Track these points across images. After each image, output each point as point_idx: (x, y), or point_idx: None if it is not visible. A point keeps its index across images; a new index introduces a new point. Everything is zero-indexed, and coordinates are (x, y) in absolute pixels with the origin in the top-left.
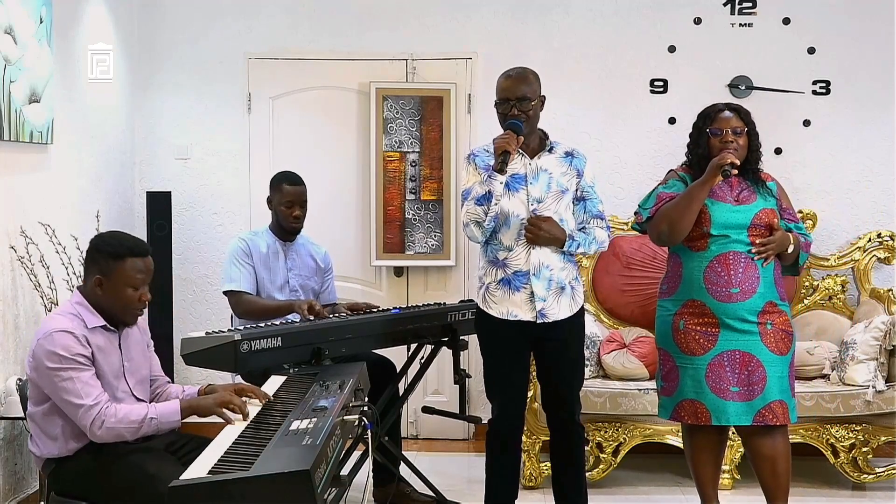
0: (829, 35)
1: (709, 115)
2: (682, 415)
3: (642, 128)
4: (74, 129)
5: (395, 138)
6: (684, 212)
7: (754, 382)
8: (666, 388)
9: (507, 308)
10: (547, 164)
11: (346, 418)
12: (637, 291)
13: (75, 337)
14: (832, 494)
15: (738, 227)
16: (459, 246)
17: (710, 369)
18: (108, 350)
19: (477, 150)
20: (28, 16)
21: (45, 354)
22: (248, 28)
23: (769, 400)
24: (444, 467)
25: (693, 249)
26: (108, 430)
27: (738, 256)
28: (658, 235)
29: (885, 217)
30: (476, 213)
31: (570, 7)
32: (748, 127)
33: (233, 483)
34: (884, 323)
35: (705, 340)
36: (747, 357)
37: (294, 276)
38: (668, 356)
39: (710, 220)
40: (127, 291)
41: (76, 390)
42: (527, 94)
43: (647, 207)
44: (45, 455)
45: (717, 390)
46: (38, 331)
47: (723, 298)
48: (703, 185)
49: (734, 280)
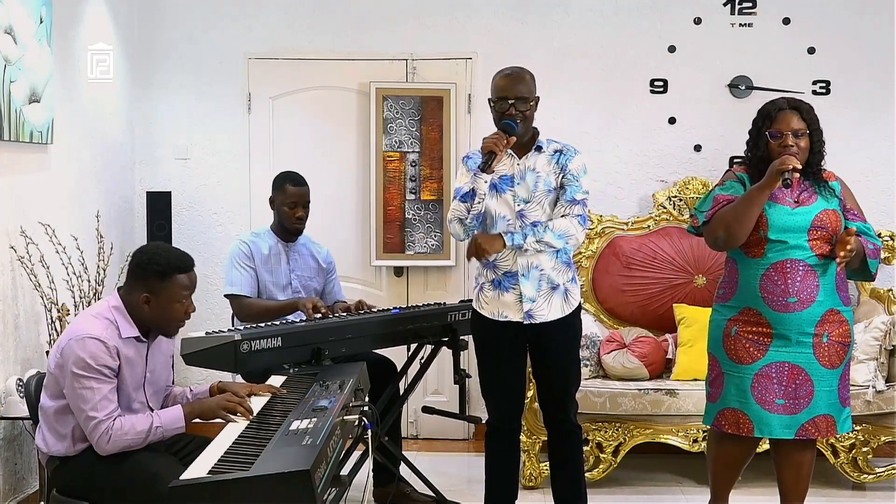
0: (829, 35)
1: (769, 114)
2: (723, 423)
3: (642, 128)
4: (74, 129)
5: (395, 138)
6: (743, 217)
7: (801, 396)
8: (712, 395)
9: (497, 308)
10: (535, 163)
11: (346, 418)
12: (637, 291)
13: (106, 348)
14: (832, 494)
15: (797, 230)
16: (459, 246)
17: (756, 379)
18: (134, 361)
19: (473, 151)
20: (28, 16)
21: (73, 357)
22: (248, 28)
23: (814, 414)
24: (444, 467)
25: (749, 256)
26: (114, 444)
27: (795, 264)
28: (714, 240)
29: (885, 217)
30: (459, 209)
31: (570, 7)
32: (811, 126)
33: (233, 483)
34: (884, 323)
35: (755, 349)
36: (796, 370)
37: (296, 278)
38: (716, 362)
39: (767, 224)
40: (174, 307)
41: (93, 401)
42: (525, 94)
43: (704, 210)
44: (51, 452)
45: (762, 401)
46: (72, 328)
47: (780, 308)
48: (763, 189)
49: (791, 289)
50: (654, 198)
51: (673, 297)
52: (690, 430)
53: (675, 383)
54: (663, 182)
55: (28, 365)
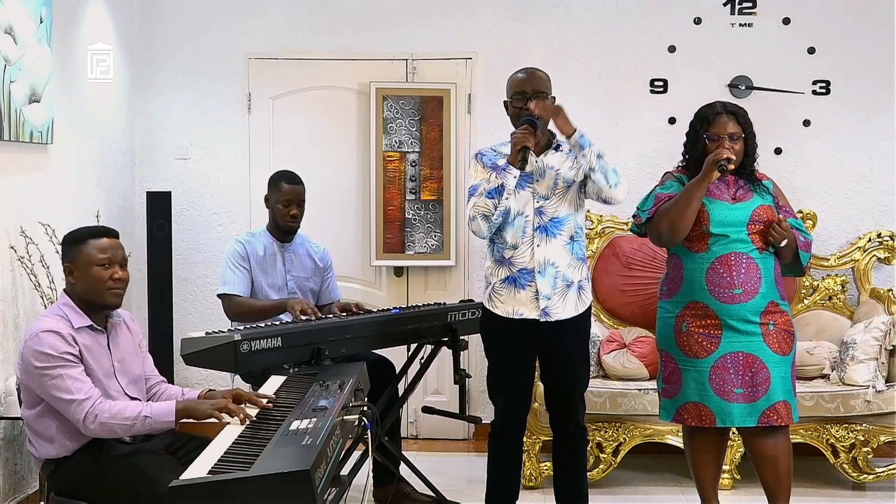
0: (829, 35)
1: (706, 118)
2: (686, 417)
3: (642, 128)
4: (74, 129)
5: (395, 138)
6: (684, 210)
7: (758, 384)
8: (667, 390)
9: (512, 307)
10: (553, 161)
11: (346, 418)
12: (637, 291)
13: (61, 336)
14: (832, 494)
15: (737, 224)
16: (459, 246)
17: (713, 371)
18: (96, 350)
19: (483, 149)
20: (28, 16)
21: (32, 355)
22: (248, 28)
23: (773, 401)
24: (444, 467)
25: (693, 251)
26: (101, 424)
27: (739, 257)
28: (658, 236)
29: (885, 217)
30: (486, 206)
31: (570, 7)
32: (745, 130)
33: (233, 483)
34: (884, 323)
35: (708, 343)
36: (751, 358)
37: (292, 278)
38: (669, 358)
39: (709, 219)
40: (93, 270)
41: (66, 386)
42: (542, 89)
43: (646, 209)
44: (43, 456)
45: (721, 392)
46: (26, 333)
47: (725, 300)
48: (701, 182)
49: (737, 281)
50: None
51: None
52: None
53: None
54: None
55: None
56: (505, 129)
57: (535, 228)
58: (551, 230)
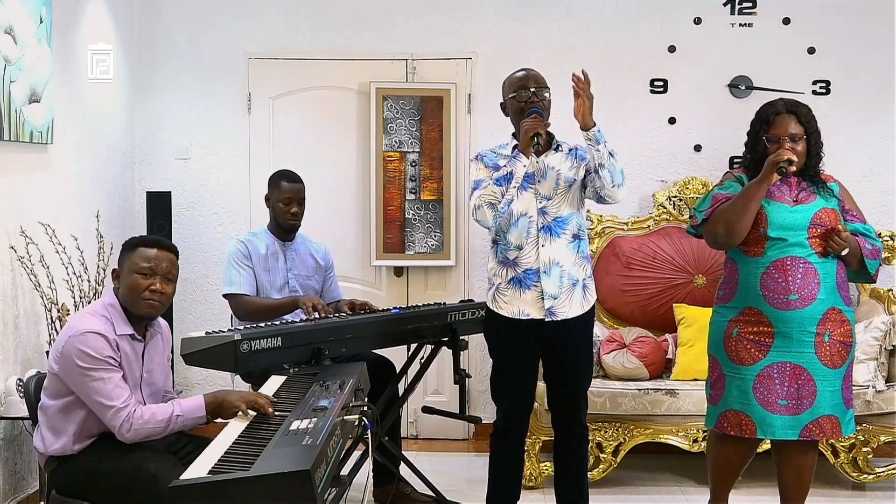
0: (829, 35)
1: (766, 117)
2: (726, 426)
3: (642, 128)
4: (74, 129)
5: (395, 138)
6: (741, 212)
7: (803, 396)
8: (713, 397)
9: (518, 307)
10: (554, 161)
11: (346, 418)
12: (637, 291)
13: (107, 340)
14: (832, 494)
15: (796, 227)
16: (459, 246)
17: (758, 380)
18: (131, 359)
19: (482, 151)
20: (28, 16)
21: (76, 353)
22: (248, 28)
23: (818, 415)
24: (444, 467)
25: (749, 255)
26: (136, 431)
27: (795, 262)
28: (714, 238)
29: (885, 217)
30: (493, 193)
31: (570, 7)
32: (808, 130)
33: (233, 483)
34: (884, 323)
35: (756, 350)
36: (798, 370)
37: (294, 277)
38: (716, 364)
39: (766, 221)
40: (133, 278)
41: (107, 392)
42: (542, 83)
43: (703, 210)
44: (48, 451)
45: (765, 402)
46: (69, 327)
47: (780, 306)
48: (760, 184)
49: (792, 286)
50: (654, 198)
51: (673, 297)
52: (690, 430)
53: (675, 383)
54: (663, 182)
55: (28, 365)
56: (505, 129)
57: (539, 229)
58: (555, 230)
